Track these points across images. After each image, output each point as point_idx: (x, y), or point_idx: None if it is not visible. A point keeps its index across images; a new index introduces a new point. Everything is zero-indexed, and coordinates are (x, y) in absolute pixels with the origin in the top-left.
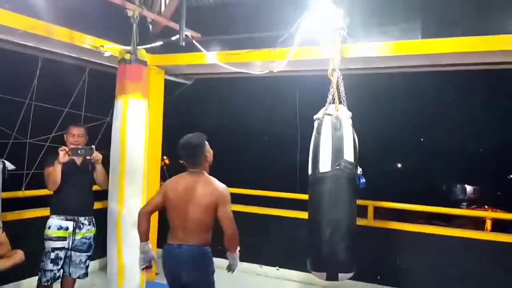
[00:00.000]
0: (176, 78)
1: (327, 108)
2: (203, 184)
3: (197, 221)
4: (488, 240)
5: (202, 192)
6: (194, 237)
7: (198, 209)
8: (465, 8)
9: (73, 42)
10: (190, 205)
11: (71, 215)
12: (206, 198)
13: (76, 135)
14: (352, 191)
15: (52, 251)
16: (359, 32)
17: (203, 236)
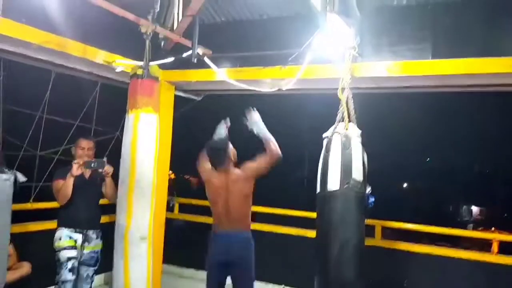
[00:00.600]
0: (185, 94)
1: (337, 126)
2: (233, 177)
3: (238, 211)
4: (495, 262)
5: (235, 184)
6: (237, 224)
7: (237, 201)
8: (476, 29)
9: (86, 56)
10: (229, 199)
11: (80, 228)
12: (240, 185)
13: (86, 148)
14: (361, 210)
15: (68, 260)
16: (369, 51)
17: (245, 222)
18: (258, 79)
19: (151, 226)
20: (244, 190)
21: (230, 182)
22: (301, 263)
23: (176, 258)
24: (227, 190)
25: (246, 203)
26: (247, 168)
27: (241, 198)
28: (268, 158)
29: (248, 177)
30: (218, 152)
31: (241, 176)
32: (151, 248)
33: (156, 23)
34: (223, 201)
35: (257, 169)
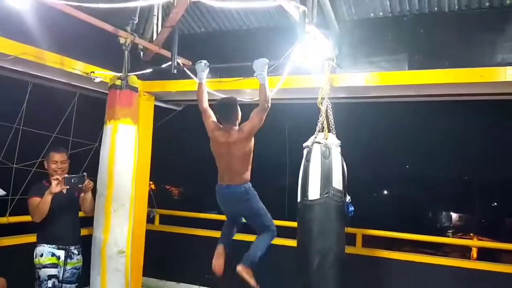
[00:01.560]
0: (166, 104)
1: (316, 136)
2: (234, 137)
3: (237, 167)
4: (474, 268)
5: (236, 144)
6: (236, 179)
7: (236, 159)
8: (451, 41)
9: (64, 68)
10: (230, 157)
11: (63, 244)
12: (240, 145)
13: (59, 161)
14: (341, 219)
15: (49, 279)
16: (347, 62)
17: (244, 177)
18: (238, 89)
19: (130, 239)
20: (243, 149)
21: (231, 141)
22: (283, 272)
23: (156, 271)
24: (228, 148)
25: (246, 160)
26: (245, 129)
27: (240, 156)
28: (259, 110)
29: (247, 137)
30: (228, 108)
31: (241, 136)
32: (130, 262)
33: (135, 34)
34: (224, 157)
35: (253, 127)
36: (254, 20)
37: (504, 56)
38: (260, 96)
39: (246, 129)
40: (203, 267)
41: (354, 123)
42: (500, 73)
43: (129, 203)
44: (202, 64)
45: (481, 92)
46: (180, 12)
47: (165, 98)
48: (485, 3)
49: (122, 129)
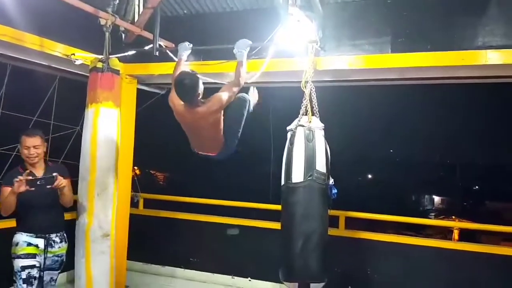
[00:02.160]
0: (148, 88)
1: (300, 119)
2: (202, 113)
3: (209, 140)
4: (455, 249)
5: (205, 119)
6: (210, 150)
7: (207, 133)
8: (433, 24)
9: (44, 50)
10: (200, 132)
11: (42, 233)
12: (209, 119)
13: (31, 147)
14: (324, 201)
15: (22, 270)
16: (331, 45)
17: (218, 146)
18: (221, 72)
19: (114, 223)
20: (213, 123)
21: (199, 118)
22: (267, 255)
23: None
24: (198, 124)
25: (217, 131)
26: (215, 101)
27: (211, 130)
28: (230, 84)
29: (217, 109)
30: (186, 90)
31: (210, 109)
32: (114, 245)
33: (116, 15)
34: (195, 133)
35: (221, 100)
36: (238, 2)
37: (485, 40)
38: (236, 72)
39: (216, 102)
40: (187, 250)
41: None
42: (481, 56)
43: (113, 187)
44: (185, 44)
45: (463, 76)
46: None
47: (148, 81)
48: None
49: (104, 112)
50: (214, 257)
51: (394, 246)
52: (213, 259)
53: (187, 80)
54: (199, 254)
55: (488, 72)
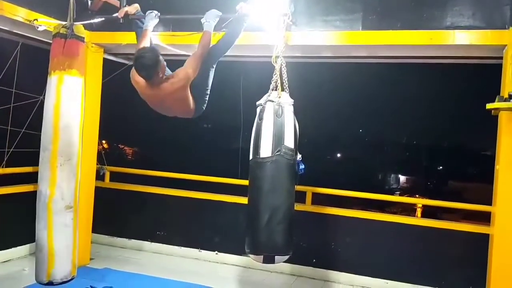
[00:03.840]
0: (116, 58)
1: (270, 94)
2: (166, 90)
3: (180, 112)
4: (417, 225)
5: (170, 95)
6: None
7: (175, 107)
8: (403, 2)
9: (4, 14)
10: (168, 107)
11: None
12: (175, 95)
13: None
14: (292, 176)
15: None
16: (302, 20)
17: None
18: (191, 44)
19: (77, 194)
20: (181, 98)
21: (165, 95)
22: (234, 229)
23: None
24: (163, 100)
25: (186, 105)
26: (180, 77)
27: (180, 105)
28: (195, 55)
29: (183, 86)
30: (146, 66)
31: (175, 86)
32: (77, 218)
33: None
34: (163, 110)
35: (187, 74)
36: None
37: (453, 20)
38: (200, 41)
39: (179, 77)
40: (154, 223)
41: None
42: (449, 36)
43: (76, 158)
44: (153, 13)
45: (431, 55)
46: None
47: (115, 51)
48: None
49: (68, 80)
50: (181, 230)
51: (358, 221)
52: (180, 232)
53: (146, 57)
54: (166, 228)
55: (455, 52)
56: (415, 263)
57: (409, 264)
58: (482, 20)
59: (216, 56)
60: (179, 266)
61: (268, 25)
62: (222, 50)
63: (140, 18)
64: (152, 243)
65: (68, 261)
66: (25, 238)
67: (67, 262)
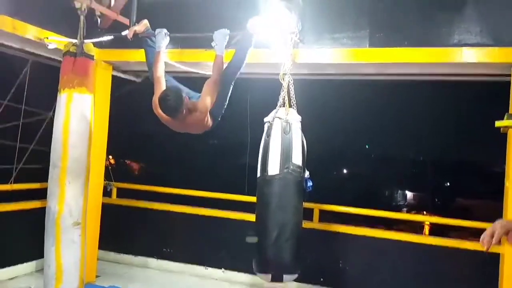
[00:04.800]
0: (124, 75)
1: (277, 111)
2: (189, 121)
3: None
4: (425, 243)
5: (193, 125)
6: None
7: (196, 128)
8: (410, 20)
9: (16, 32)
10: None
11: None
12: (199, 124)
13: None
14: (299, 194)
15: None
16: (310, 38)
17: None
18: (199, 61)
19: (85, 211)
20: (201, 124)
21: (187, 125)
22: (241, 247)
23: (113, 244)
24: (185, 127)
25: (205, 124)
26: (201, 109)
27: (198, 126)
28: (210, 82)
29: (203, 117)
30: (171, 109)
31: (198, 118)
32: (85, 234)
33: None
34: (181, 130)
35: (206, 104)
36: None
37: (460, 37)
38: (214, 67)
39: (200, 110)
40: (161, 240)
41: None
42: (456, 54)
43: (85, 175)
44: (162, 33)
45: (438, 72)
46: None
47: (124, 68)
48: None
49: (77, 98)
50: (188, 247)
51: (366, 239)
52: (186, 249)
53: (171, 100)
54: (172, 245)
55: (463, 69)
56: (423, 282)
57: (417, 282)
58: (489, 37)
59: (231, 77)
60: (185, 284)
61: (276, 43)
62: (236, 70)
63: (150, 36)
64: (159, 260)
65: (76, 277)
66: (31, 255)
67: (75, 278)
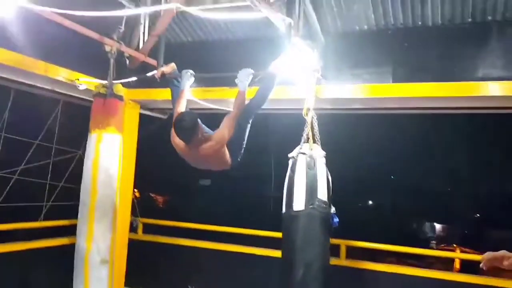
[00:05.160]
0: (151, 113)
1: (302, 146)
2: (204, 151)
3: (217, 166)
4: (456, 281)
5: (208, 157)
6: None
7: (213, 166)
8: (434, 54)
9: (48, 74)
10: (207, 164)
11: None
12: (213, 156)
13: None
14: (326, 230)
15: None
16: (332, 74)
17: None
18: (223, 98)
19: (113, 248)
20: (218, 156)
21: (202, 156)
22: (267, 283)
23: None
24: (202, 159)
25: (223, 161)
26: (217, 139)
27: (217, 161)
28: (230, 116)
29: (221, 147)
30: (185, 130)
31: (213, 148)
32: (112, 271)
33: (121, 42)
34: (200, 165)
35: (223, 136)
36: (241, 31)
37: (485, 71)
38: (235, 102)
39: (216, 140)
40: (186, 277)
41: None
42: (482, 88)
43: (113, 212)
44: (188, 74)
45: (464, 106)
46: (167, 21)
47: (151, 106)
48: (467, 19)
49: (107, 138)
50: (213, 284)
51: (396, 276)
52: (212, 285)
53: (186, 121)
54: (198, 281)
55: (489, 103)
56: None
57: None
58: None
59: (251, 113)
60: None
61: (299, 79)
62: (257, 107)
63: (176, 77)
64: None
65: None
66: None
67: None
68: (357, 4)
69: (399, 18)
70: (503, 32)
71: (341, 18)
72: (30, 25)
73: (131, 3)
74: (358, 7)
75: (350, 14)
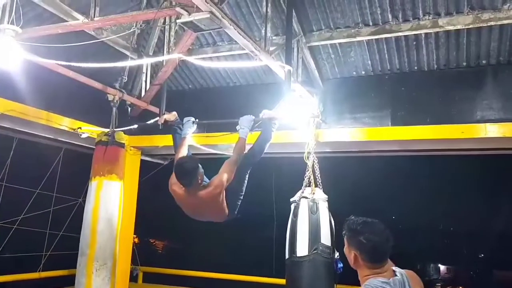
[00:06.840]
0: (152, 159)
1: (304, 191)
2: (202, 197)
3: (214, 215)
4: None
5: (206, 203)
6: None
7: (210, 213)
8: (431, 98)
9: (50, 124)
10: (202, 213)
11: None
12: (211, 203)
13: None
14: (330, 276)
15: None
16: (332, 118)
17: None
18: (224, 143)
19: None
20: (215, 203)
21: (200, 202)
22: None
23: None
24: (199, 207)
25: (220, 209)
26: (216, 185)
27: (214, 209)
28: (230, 161)
29: (219, 192)
30: (186, 173)
31: (212, 193)
32: None
33: (123, 91)
34: (197, 213)
35: (222, 180)
36: (241, 78)
37: (483, 113)
38: (235, 148)
39: (214, 186)
40: None
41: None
42: (481, 130)
43: (112, 262)
44: (190, 121)
45: (462, 148)
46: (169, 70)
47: (152, 153)
48: (462, 63)
49: (107, 185)
50: None
51: None
52: None
53: (187, 164)
54: None
55: (488, 144)
56: None
57: None
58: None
59: (249, 164)
60: None
61: (299, 124)
62: (255, 156)
63: (178, 125)
64: None
65: None
66: None
67: None
68: (354, 52)
69: (395, 64)
70: (498, 75)
71: (339, 65)
72: (34, 76)
73: (133, 53)
74: (355, 55)
75: (347, 60)
